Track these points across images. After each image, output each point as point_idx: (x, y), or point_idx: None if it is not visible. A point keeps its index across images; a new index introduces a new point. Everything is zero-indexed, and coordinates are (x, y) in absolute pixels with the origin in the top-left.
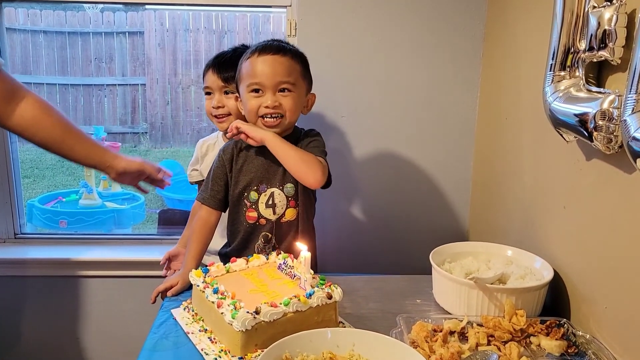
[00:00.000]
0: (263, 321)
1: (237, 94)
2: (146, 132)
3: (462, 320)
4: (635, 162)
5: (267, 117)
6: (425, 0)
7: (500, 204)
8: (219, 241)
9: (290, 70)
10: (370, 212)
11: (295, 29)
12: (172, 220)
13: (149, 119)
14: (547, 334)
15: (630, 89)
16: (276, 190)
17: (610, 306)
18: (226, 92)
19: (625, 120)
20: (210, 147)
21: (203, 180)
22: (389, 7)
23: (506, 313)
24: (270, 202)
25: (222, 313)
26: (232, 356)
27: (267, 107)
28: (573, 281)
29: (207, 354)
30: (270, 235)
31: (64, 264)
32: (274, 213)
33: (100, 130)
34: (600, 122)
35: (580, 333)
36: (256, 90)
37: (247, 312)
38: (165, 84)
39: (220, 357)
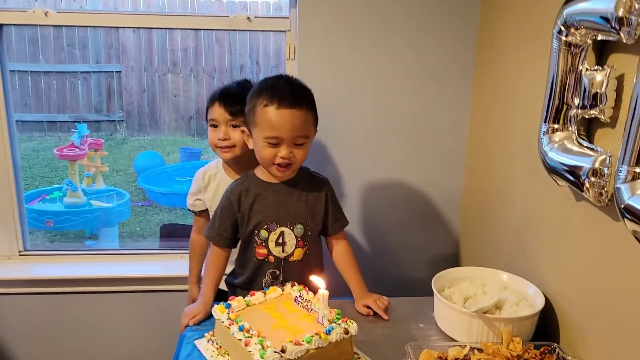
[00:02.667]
0: (289, 359)
1: (244, 129)
2: (122, 120)
3: (464, 347)
4: (626, 224)
5: (280, 165)
6: (417, 30)
7: (491, 229)
8: None
9: (305, 123)
10: (365, 233)
11: (295, 52)
12: (174, 234)
13: (125, 107)
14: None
15: (622, 162)
16: (286, 230)
17: (599, 334)
18: (232, 125)
19: (618, 188)
20: (212, 178)
21: (206, 209)
22: (385, 36)
23: (504, 340)
24: (280, 241)
25: (250, 351)
26: None
27: (282, 157)
28: (563, 308)
29: None
30: (278, 272)
31: (68, 281)
32: (283, 251)
33: (83, 128)
34: (592, 179)
35: (570, 357)
36: (273, 143)
37: (275, 351)
38: (141, 72)
39: None
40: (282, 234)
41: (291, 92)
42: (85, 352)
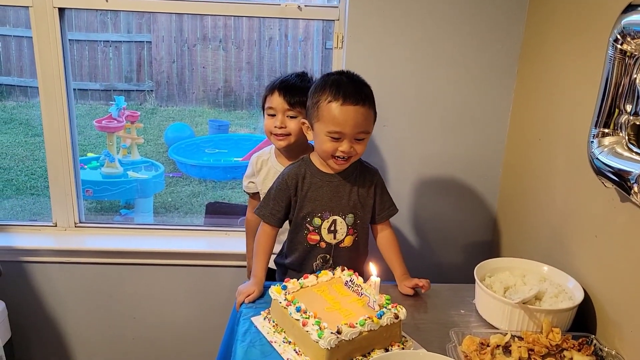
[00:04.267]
0: (344, 340)
1: (304, 121)
2: (152, 90)
3: (505, 335)
4: None
5: (339, 158)
6: (464, 21)
7: (528, 220)
8: None
9: (367, 119)
10: (404, 219)
11: (342, 41)
12: (219, 211)
13: (155, 77)
14: (579, 350)
15: None
16: (338, 219)
17: (636, 330)
18: (289, 116)
19: None
20: (264, 163)
21: (258, 192)
22: (431, 26)
23: (544, 330)
24: (332, 228)
25: (307, 331)
26: None
27: (342, 151)
28: (602, 302)
29: None
30: (328, 257)
31: (120, 253)
32: (335, 238)
33: (121, 101)
34: None
35: (607, 349)
36: (336, 138)
37: (331, 332)
38: (171, 42)
39: None
40: (334, 222)
41: (355, 89)
42: (134, 320)
